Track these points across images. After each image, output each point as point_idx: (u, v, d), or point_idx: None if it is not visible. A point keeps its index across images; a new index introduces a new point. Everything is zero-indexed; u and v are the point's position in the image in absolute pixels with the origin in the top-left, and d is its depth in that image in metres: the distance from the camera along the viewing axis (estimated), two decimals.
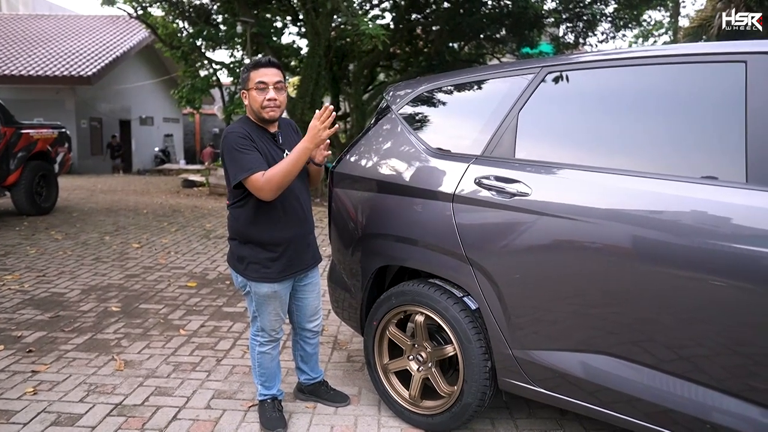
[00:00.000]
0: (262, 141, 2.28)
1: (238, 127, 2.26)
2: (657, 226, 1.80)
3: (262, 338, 2.44)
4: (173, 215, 9.01)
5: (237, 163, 2.19)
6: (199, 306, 4.23)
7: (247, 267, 2.33)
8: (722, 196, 1.72)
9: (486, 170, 2.23)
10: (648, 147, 1.96)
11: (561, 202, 2.00)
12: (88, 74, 16.33)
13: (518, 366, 2.16)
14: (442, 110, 2.63)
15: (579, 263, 1.96)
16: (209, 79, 13.42)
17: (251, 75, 2.26)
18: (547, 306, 2.06)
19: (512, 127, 2.24)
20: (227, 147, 2.22)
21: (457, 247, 2.24)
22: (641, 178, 1.87)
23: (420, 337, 2.46)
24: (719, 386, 1.73)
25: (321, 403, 2.67)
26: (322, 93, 13.19)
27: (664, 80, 1.97)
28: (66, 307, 4.11)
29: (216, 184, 12.64)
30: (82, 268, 5.29)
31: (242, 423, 2.51)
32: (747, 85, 1.74)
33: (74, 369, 3.05)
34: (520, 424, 2.55)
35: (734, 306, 1.68)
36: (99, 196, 11.39)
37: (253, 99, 2.27)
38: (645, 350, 1.86)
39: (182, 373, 3.03)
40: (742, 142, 1.72)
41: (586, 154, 2.06)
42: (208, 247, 6.50)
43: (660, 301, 1.80)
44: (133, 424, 2.49)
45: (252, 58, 2.30)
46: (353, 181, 2.73)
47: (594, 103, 2.13)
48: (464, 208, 2.24)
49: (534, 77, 2.25)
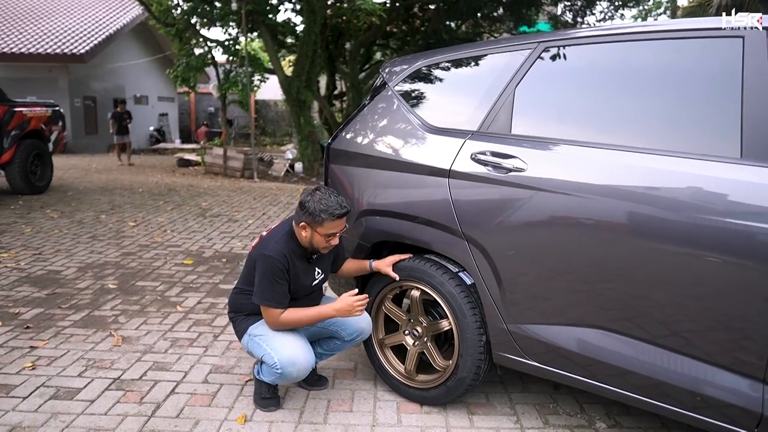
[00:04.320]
0: (297, 262, 2.34)
1: (280, 254, 2.27)
2: (653, 202, 1.81)
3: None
4: (169, 194, 8.99)
5: (265, 289, 2.28)
6: (196, 283, 4.25)
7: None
8: (718, 172, 1.72)
9: (482, 146, 2.23)
10: (645, 123, 1.96)
11: (557, 178, 2.00)
12: (81, 52, 16.12)
13: (513, 340, 2.18)
14: (438, 86, 2.62)
15: (575, 239, 1.97)
16: (204, 57, 13.29)
17: (327, 223, 2.24)
18: (542, 281, 2.08)
19: (509, 103, 2.24)
20: (265, 269, 2.26)
21: (453, 223, 2.24)
22: (637, 154, 1.87)
23: (416, 312, 2.48)
24: (710, 359, 1.76)
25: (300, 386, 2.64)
26: (318, 72, 13.10)
27: (662, 56, 1.96)
28: (63, 285, 4.12)
29: (211, 163, 12.60)
30: (78, 246, 5.30)
31: (239, 397, 2.54)
32: (744, 61, 1.74)
33: (72, 345, 3.07)
34: (514, 398, 2.59)
35: (727, 281, 1.69)
36: (94, 176, 11.35)
37: (317, 240, 2.29)
38: (638, 325, 1.88)
39: (180, 348, 3.06)
40: (738, 118, 1.73)
41: (583, 130, 2.06)
42: (204, 225, 6.50)
43: (655, 277, 1.81)
44: (131, 397, 2.51)
45: (333, 199, 2.23)
46: (349, 157, 2.73)
47: (591, 78, 2.13)
48: (460, 183, 2.24)
49: (531, 52, 2.24)
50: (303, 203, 2.26)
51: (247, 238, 5.86)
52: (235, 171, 12.00)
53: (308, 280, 2.42)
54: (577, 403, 2.56)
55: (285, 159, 13.11)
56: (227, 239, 5.81)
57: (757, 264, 1.63)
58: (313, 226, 2.26)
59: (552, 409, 2.51)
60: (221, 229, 6.29)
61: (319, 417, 2.39)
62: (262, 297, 2.29)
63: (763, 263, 1.61)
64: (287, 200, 8.62)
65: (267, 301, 2.28)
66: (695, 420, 1.80)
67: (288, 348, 2.28)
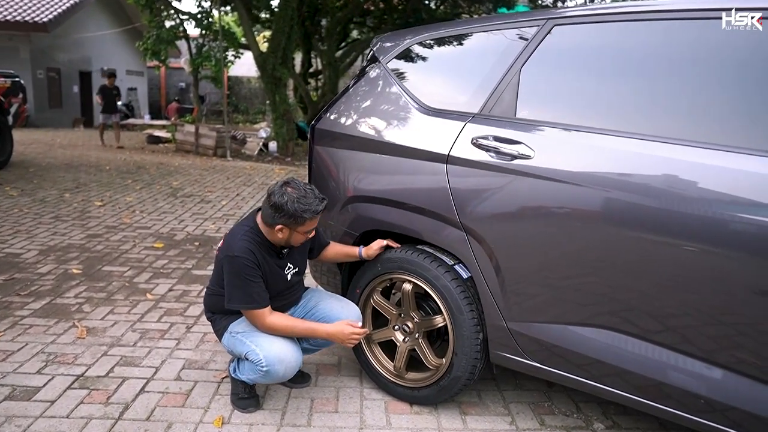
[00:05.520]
0: (266, 257, 2.15)
1: (246, 252, 2.07)
2: (670, 195, 1.67)
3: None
4: (138, 172, 8.62)
5: (240, 290, 2.08)
6: (167, 268, 4.01)
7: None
8: (743, 165, 1.58)
9: (484, 130, 2.06)
10: (665, 109, 1.79)
11: (566, 167, 1.85)
12: (44, 20, 15.37)
13: (513, 339, 2.04)
14: (435, 64, 2.42)
15: (584, 233, 1.82)
16: (176, 29, 12.76)
17: (308, 222, 2.08)
18: (547, 277, 1.93)
19: (513, 84, 2.06)
20: (233, 270, 2.07)
21: (451, 212, 2.08)
22: (654, 143, 1.72)
23: (407, 306, 2.32)
24: (716, 361, 1.64)
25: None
26: (293, 48, 12.72)
27: (687, 37, 1.78)
28: (22, 269, 3.84)
29: (183, 140, 12.18)
30: (39, 227, 4.98)
31: (215, 396, 2.36)
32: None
33: (31, 337, 2.83)
34: (507, 397, 2.46)
35: (747, 278, 1.56)
36: (58, 151, 10.85)
37: (296, 238, 2.13)
38: (650, 325, 1.75)
39: (150, 341, 2.84)
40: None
41: (595, 116, 1.89)
42: (175, 206, 6.22)
43: (670, 274, 1.68)
44: (96, 397, 2.30)
45: (309, 193, 2.06)
46: (337, 139, 2.53)
47: (606, 60, 1.94)
48: (459, 170, 2.07)
49: (538, 30, 2.06)
50: (278, 205, 2.02)
51: (221, 220, 5.62)
52: (207, 149, 11.63)
53: (282, 276, 2.23)
54: (572, 402, 2.45)
55: (258, 137, 12.74)
56: (200, 221, 5.55)
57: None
58: (293, 227, 2.07)
59: (547, 408, 2.39)
60: (193, 210, 6.02)
61: (303, 418, 2.23)
62: (240, 300, 2.09)
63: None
64: (262, 180, 8.36)
65: (246, 304, 2.09)
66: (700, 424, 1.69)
67: (275, 344, 2.10)
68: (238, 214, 5.92)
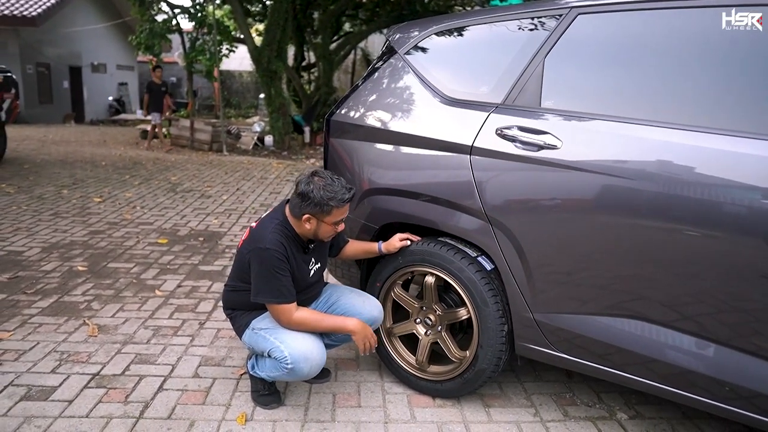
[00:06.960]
0: (294, 252, 2.12)
1: (278, 245, 2.04)
2: (702, 184, 1.65)
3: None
4: (134, 168, 8.53)
5: (268, 285, 2.05)
6: (173, 264, 3.97)
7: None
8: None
9: (509, 120, 2.03)
10: (697, 98, 1.77)
11: (595, 157, 1.83)
12: (32, 14, 15.17)
13: (539, 330, 2.02)
14: (456, 54, 2.38)
15: (613, 223, 1.80)
16: (168, 23, 12.60)
17: (336, 211, 2.04)
18: (575, 268, 1.91)
19: (537, 74, 2.03)
20: (264, 263, 2.03)
21: (476, 204, 2.05)
22: (686, 132, 1.70)
23: (429, 299, 2.30)
24: (745, 348, 1.63)
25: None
26: (287, 41, 12.61)
27: (718, 25, 1.75)
28: (26, 267, 3.79)
29: (178, 135, 12.06)
30: (39, 224, 4.91)
31: (236, 393, 2.33)
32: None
33: (42, 336, 2.78)
34: (528, 388, 2.45)
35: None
36: (51, 147, 10.72)
37: (324, 230, 2.10)
38: (680, 314, 1.73)
39: (163, 338, 2.81)
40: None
41: (623, 105, 1.87)
42: (175, 201, 6.15)
43: (703, 264, 1.66)
44: (114, 396, 2.27)
45: (336, 182, 2.03)
46: (354, 131, 2.49)
47: (634, 49, 1.91)
48: (484, 161, 2.05)
49: (562, 19, 2.03)
50: (304, 194, 2.01)
51: (224, 215, 5.57)
52: (202, 144, 11.52)
53: (306, 271, 2.20)
54: (593, 392, 2.44)
55: (252, 132, 12.64)
56: (202, 216, 5.50)
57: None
58: (320, 216, 2.04)
59: (569, 399, 2.38)
60: (194, 206, 5.96)
61: (327, 414, 2.20)
62: (268, 295, 2.05)
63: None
64: (260, 175, 8.29)
65: (274, 298, 2.05)
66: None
67: (300, 341, 2.06)
68: (240, 209, 5.87)
